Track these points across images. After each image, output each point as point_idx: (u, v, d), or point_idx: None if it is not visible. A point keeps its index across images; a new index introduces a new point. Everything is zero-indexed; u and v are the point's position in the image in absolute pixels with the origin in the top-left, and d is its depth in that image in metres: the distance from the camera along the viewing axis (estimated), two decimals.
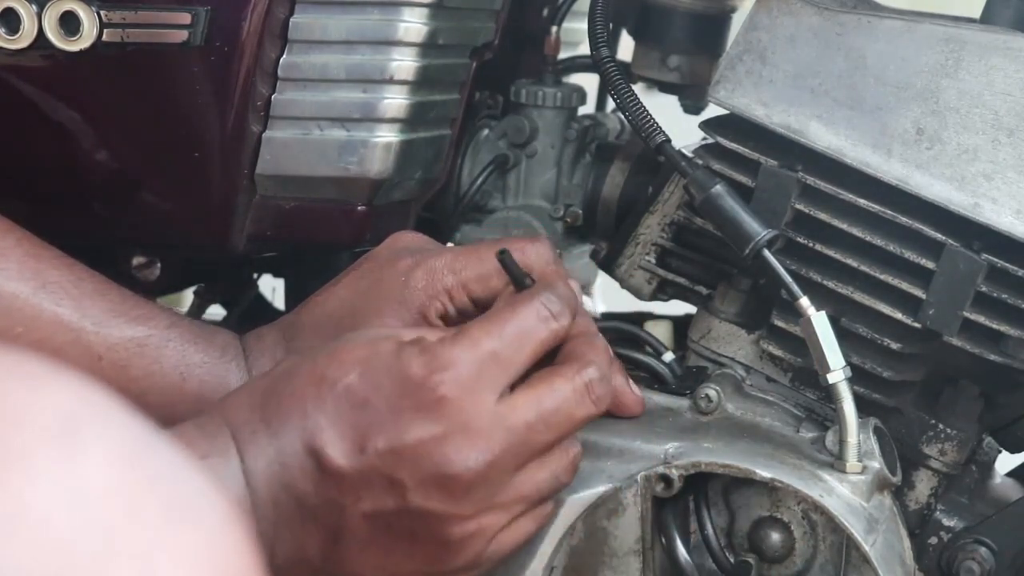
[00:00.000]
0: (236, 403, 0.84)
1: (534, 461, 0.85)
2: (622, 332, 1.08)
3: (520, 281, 0.91)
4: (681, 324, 1.19)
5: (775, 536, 1.00)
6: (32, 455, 0.50)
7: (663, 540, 0.99)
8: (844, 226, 0.98)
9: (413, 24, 1.01)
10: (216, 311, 1.28)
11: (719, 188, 0.98)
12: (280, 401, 0.82)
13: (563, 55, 1.23)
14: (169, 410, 0.92)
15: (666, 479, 0.97)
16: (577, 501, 0.96)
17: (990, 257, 0.95)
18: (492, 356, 0.83)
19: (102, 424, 0.52)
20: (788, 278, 0.96)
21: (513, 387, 0.85)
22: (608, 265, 1.10)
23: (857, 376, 0.97)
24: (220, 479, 0.81)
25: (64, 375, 0.53)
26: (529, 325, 0.85)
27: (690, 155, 1.02)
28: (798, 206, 0.99)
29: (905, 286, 0.97)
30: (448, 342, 0.83)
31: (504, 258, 0.91)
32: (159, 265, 1.14)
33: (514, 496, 0.85)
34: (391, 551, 0.84)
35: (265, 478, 0.81)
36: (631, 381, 0.99)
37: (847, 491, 0.95)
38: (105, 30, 0.98)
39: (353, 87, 1.01)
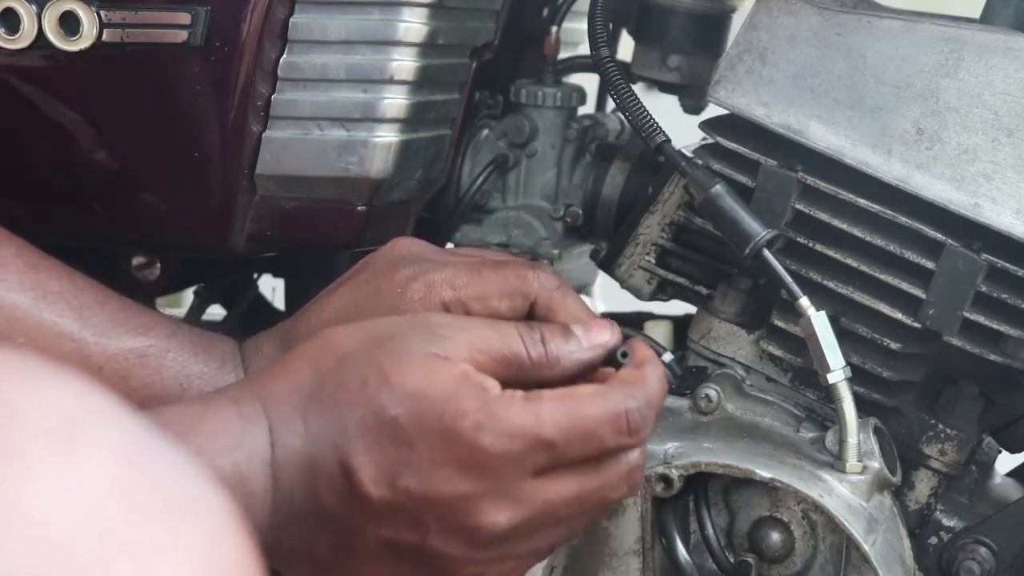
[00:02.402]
0: (279, 396, 0.82)
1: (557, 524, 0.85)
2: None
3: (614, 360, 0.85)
4: (681, 324, 1.19)
5: (775, 536, 1.00)
6: (31, 455, 0.50)
7: (663, 540, 0.99)
8: (844, 226, 0.98)
9: (413, 24, 1.01)
10: (216, 311, 1.28)
11: (719, 188, 0.98)
12: (324, 410, 0.81)
13: (563, 55, 1.23)
14: None
15: (666, 479, 0.97)
16: None
17: (990, 257, 0.95)
18: (549, 445, 0.80)
19: (101, 424, 0.52)
20: (788, 278, 0.96)
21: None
22: (608, 265, 1.10)
23: (857, 376, 0.97)
24: (245, 470, 0.80)
25: (64, 375, 0.53)
26: (602, 432, 0.81)
27: (690, 155, 1.02)
28: (798, 206, 0.99)
29: (905, 286, 0.97)
30: (513, 407, 0.80)
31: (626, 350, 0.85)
32: (159, 265, 1.14)
33: (530, 550, 0.85)
34: (399, 571, 0.84)
35: (291, 476, 0.81)
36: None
37: (847, 491, 0.95)
38: (105, 30, 0.98)
39: (353, 87, 1.01)
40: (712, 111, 1.07)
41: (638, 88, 1.10)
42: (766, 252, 0.96)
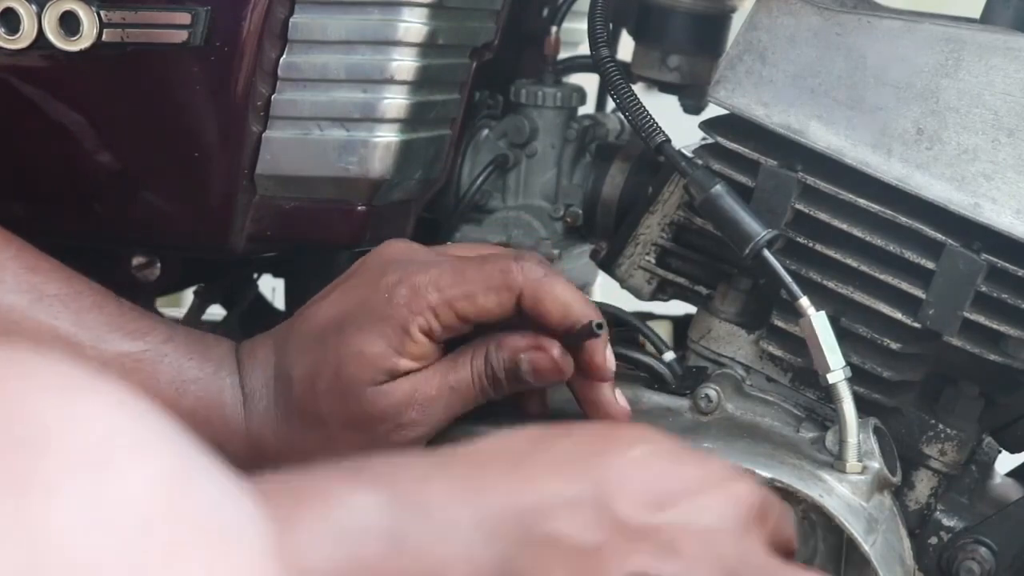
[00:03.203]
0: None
1: None
2: (623, 334, 1.08)
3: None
4: (681, 324, 1.19)
5: None
6: (59, 485, 0.46)
7: None
8: (844, 226, 0.98)
9: (413, 24, 1.01)
10: (216, 311, 1.28)
11: (719, 188, 0.98)
12: None
13: (563, 55, 1.23)
14: None
15: None
16: None
17: (990, 257, 0.95)
18: None
19: (141, 448, 0.49)
20: (788, 278, 0.96)
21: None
22: (608, 265, 1.10)
23: (857, 376, 0.97)
24: None
25: (103, 387, 0.50)
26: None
27: (690, 155, 1.02)
28: (798, 206, 0.99)
29: (905, 286, 0.97)
30: None
31: None
32: (159, 265, 1.14)
33: None
34: None
35: None
36: (618, 392, 0.96)
37: (847, 491, 0.95)
38: (105, 30, 0.98)
39: (353, 87, 1.01)
40: (712, 111, 1.07)
41: (638, 88, 1.10)
42: (766, 252, 0.96)
